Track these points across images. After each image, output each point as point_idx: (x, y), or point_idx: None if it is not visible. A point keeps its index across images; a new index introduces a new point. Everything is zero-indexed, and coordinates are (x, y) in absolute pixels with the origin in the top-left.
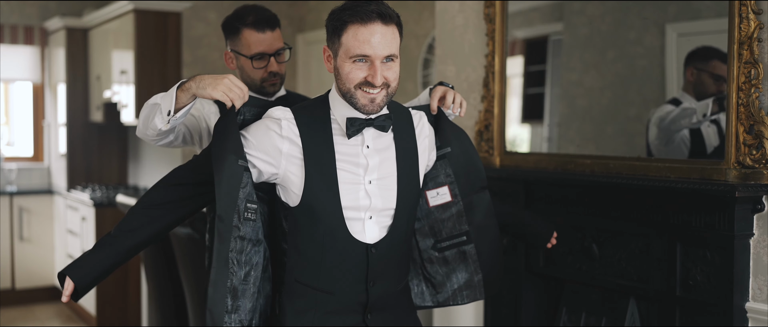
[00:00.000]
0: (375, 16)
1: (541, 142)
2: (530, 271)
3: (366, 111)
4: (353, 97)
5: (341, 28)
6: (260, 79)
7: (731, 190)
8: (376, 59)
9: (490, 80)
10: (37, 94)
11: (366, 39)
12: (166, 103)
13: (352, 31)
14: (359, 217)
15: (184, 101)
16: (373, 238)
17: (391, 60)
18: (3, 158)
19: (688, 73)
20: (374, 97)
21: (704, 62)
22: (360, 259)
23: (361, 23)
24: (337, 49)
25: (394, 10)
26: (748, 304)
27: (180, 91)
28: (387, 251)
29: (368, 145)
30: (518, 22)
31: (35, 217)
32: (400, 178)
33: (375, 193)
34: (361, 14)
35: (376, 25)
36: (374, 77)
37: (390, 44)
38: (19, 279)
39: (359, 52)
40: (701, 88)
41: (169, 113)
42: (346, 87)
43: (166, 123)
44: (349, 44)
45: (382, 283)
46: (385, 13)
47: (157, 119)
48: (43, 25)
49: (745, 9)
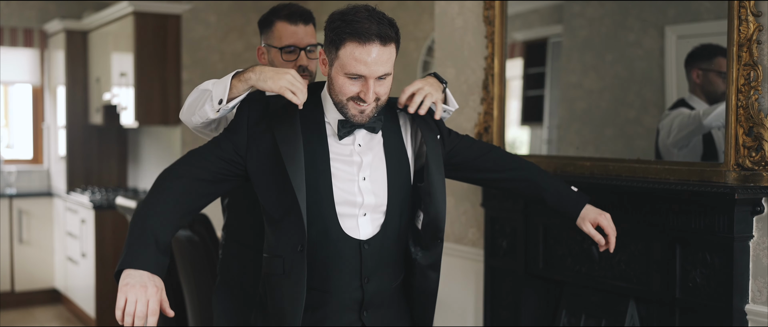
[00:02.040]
0: (374, 38)
1: (541, 144)
2: (530, 273)
3: (355, 121)
4: (344, 107)
5: (339, 42)
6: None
7: (731, 192)
8: (370, 78)
9: (490, 82)
10: (37, 96)
11: (363, 60)
12: (219, 90)
13: (349, 49)
14: (353, 214)
15: (239, 91)
16: (366, 234)
17: (384, 78)
18: (2, 161)
19: (694, 75)
20: (364, 109)
21: (708, 61)
22: (353, 256)
23: (360, 43)
24: (333, 60)
25: (393, 22)
26: (747, 306)
27: (236, 81)
28: (380, 248)
29: (359, 143)
30: (517, 25)
31: (35, 220)
32: (390, 173)
33: (368, 189)
34: (361, 34)
35: (375, 47)
36: (366, 94)
37: (386, 64)
38: (19, 281)
39: (355, 71)
40: (710, 88)
41: (220, 102)
42: (337, 98)
43: (215, 111)
44: (346, 61)
45: (377, 280)
46: (385, 35)
47: (207, 107)
48: (43, 28)
49: (744, 11)
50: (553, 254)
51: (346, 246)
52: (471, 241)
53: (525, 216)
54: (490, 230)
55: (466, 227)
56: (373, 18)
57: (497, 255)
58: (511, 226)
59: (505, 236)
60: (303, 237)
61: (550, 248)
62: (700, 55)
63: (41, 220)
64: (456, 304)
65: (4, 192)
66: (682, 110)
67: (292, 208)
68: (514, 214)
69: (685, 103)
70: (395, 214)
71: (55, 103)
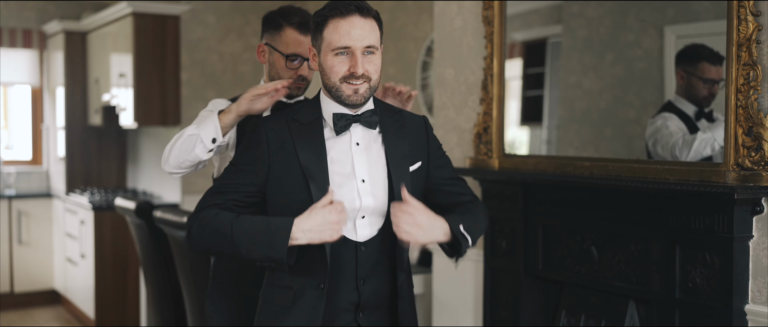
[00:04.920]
0: (353, 9)
1: (540, 145)
2: (529, 274)
3: (351, 102)
4: (338, 90)
5: (322, 23)
6: (287, 79)
7: (730, 192)
8: (356, 50)
9: (489, 83)
10: (36, 97)
11: (346, 31)
12: (208, 131)
13: (332, 25)
14: (350, 217)
15: (228, 122)
16: (363, 236)
17: (372, 53)
18: (2, 162)
19: (678, 76)
20: (358, 87)
21: (693, 65)
22: (350, 258)
23: (341, 17)
24: (320, 45)
25: (372, 9)
26: (747, 307)
27: (223, 116)
28: (377, 250)
29: (358, 142)
30: (517, 25)
31: (34, 221)
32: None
33: (367, 192)
34: (340, 8)
35: (355, 18)
36: (356, 67)
37: (369, 35)
38: (18, 283)
39: (340, 44)
40: (693, 91)
41: (213, 141)
42: (331, 81)
43: (207, 151)
44: (331, 37)
45: (373, 281)
46: (363, 7)
47: (198, 150)
48: (42, 29)
49: (743, 11)
50: (553, 254)
51: (342, 248)
52: None
53: (525, 216)
54: (490, 230)
55: None
56: (353, 1)
57: (497, 255)
58: (511, 226)
59: (504, 236)
60: (325, 271)
61: (550, 248)
62: (687, 56)
63: (40, 221)
64: (456, 305)
65: (4, 193)
66: (669, 127)
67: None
68: (513, 215)
69: (672, 105)
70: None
71: (55, 104)
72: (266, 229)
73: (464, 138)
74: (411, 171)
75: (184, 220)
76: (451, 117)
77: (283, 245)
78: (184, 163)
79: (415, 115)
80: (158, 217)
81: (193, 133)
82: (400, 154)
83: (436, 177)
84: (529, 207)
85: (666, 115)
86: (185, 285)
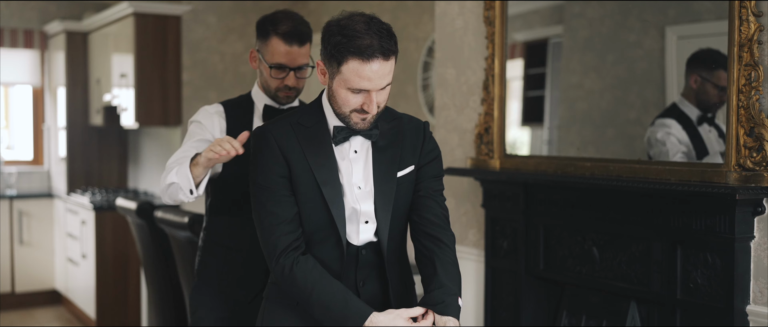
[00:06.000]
0: (377, 53)
1: (541, 145)
2: (530, 274)
3: (358, 128)
4: (347, 117)
5: (341, 58)
6: (275, 88)
7: (732, 193)
8: (373, 91)
9: (490, 83)
10: (37, 97)
11: (366, 76)
12: (183, 183)
13: (352, 66)
14: (354, 221)
15: (199, 174)
16: (363, 240)
17: (385, 87)
18: (3, 162)
19: (692, 80)
20: (366, 117)
21: (709, 71)
22: (350, 261)
23: (362, 60)
24: (334, 74)
25: (390, 30)
26: (748, 307)
27: (193, 167)
28: (376, 254)
29: (356, 150)
30: (518, 25)
31: (35, 221)
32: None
33: (364, 198)
34: (363, 50)
35: (377, 63)
36: (370, 106)
37: (387, 75)
38: (19, 283)
39: (358, 87)
40: (704, 97)
41: (191, 192)
42: (340, 109)
43: (189, 195)
44: (349, 77)
45: (372, 283)
46: (386, 48)
47: (181, 196)
48: (43, 29)
49: (745, 11)
50: (554, 255)
51: (346, 252)
52: (472, 241)
53: (526, 217)
54: (491, 231)
55: (467, 228)
56: (373, 30)
57: (498, 256)
58: (512, 226)
59: (505, 237)
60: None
61: (551, 249)
62: (704, 61)
63: (41, 221)
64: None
65: (5, 193)
66: (667, 144)
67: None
68: (514, 215)
69: (677, 108)
70: (391, 223)
71: (56, 104)
72: (343, 308)
73: (465, 138)
74: (400, 176)
75: (184, 220)
76: (452, 117)
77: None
78: (177, 201)
79: (416, 120)
80: (159, 218)
81: (173, 182)
82: (389, 162)
83: (421, 173)
84: (530, 207)
85: (667, 122)
86: (186, 285)
